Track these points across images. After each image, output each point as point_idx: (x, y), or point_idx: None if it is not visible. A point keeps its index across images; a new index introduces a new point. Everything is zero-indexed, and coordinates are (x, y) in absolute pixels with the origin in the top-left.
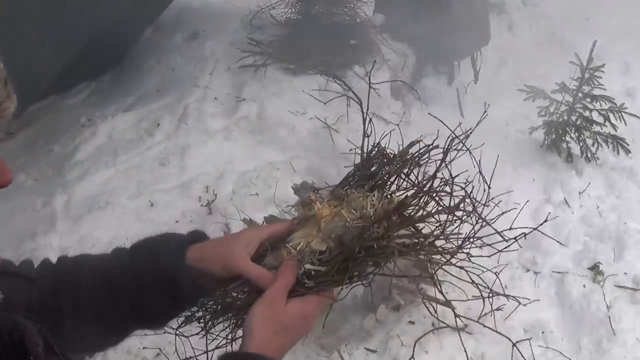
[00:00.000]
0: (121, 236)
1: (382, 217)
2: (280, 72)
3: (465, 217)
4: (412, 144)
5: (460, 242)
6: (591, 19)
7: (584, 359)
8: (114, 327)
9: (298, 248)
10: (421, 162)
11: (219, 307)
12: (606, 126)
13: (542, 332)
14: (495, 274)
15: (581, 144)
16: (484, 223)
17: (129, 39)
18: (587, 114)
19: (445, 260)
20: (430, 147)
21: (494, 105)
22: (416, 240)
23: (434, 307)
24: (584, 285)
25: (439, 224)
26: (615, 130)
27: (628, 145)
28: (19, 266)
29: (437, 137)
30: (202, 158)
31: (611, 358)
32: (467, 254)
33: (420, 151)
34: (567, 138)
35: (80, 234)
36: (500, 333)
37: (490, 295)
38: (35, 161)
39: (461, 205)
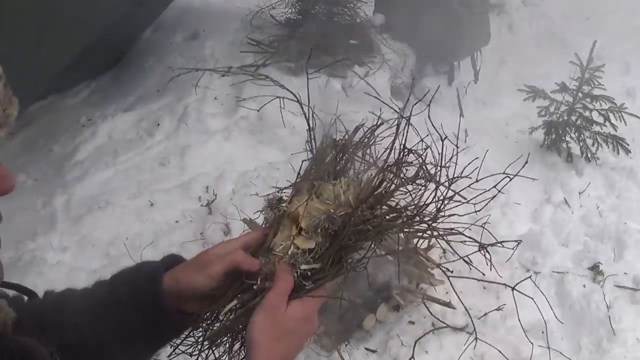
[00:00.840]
0: (121, 236)
1: (362, 200)
2: (280, 72)
3: (427, 182)
4: (357, 129)
5: (439, 206)
6: (591, 19)
7: (584, 359)
8: None
9: (290, 252)
10: (370, 143)
11: (208, 332)
12: (606, 126)
13: (542, 332)
14: (482, 226)
15: (581, 144)
16: (456, 185)
17: (129, 39)
18: (587, 114)
19: (428, 227)
20: (374, 127)
21: (493, 105)
22: (397, 214)
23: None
24: (584, 285)
25: (409, 193)
26: (615, 130)
27: (628, 145)
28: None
29: (381, 113)
30: (202, 158)
31: (611, 358)
32: (445, 215)
33: (366, 133)
34: (567, 138)
35: (80, 234)
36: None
37: (484, 247)
38: (35, 161)
39: (421, 172)
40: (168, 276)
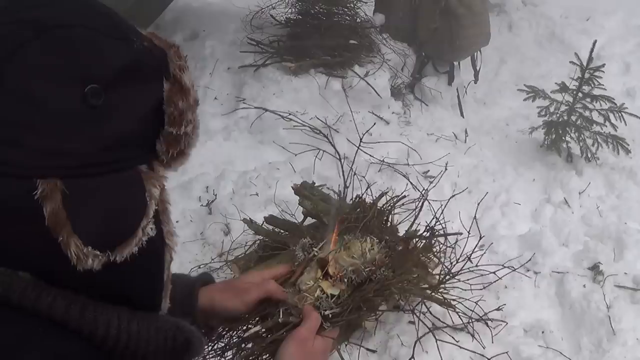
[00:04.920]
0: None
1: (384, 262)
2: (280, 72)
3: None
4: (381, 195)
5: (443, 277)
6: (591, 19)
7: (584, 359)
8: None
9: (316, 295)
10: (393, 212)
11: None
12: (606, 126)
13: (542, 332)
14: (476, 303)
15: (581, 144)
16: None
17: None
18: (587, 114)
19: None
20: (398, 197)
21: (494, 105)
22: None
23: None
24: (584, 285)
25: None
26: (615, 130)
27: (628, 145)
28: None
29: (405, 190)
30: (202, 158)
31: (611, 358)
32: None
33: (389, 202)
34: (567, 138)
35: None
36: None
37: (470, 322)
38: None
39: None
40: (202, 293)
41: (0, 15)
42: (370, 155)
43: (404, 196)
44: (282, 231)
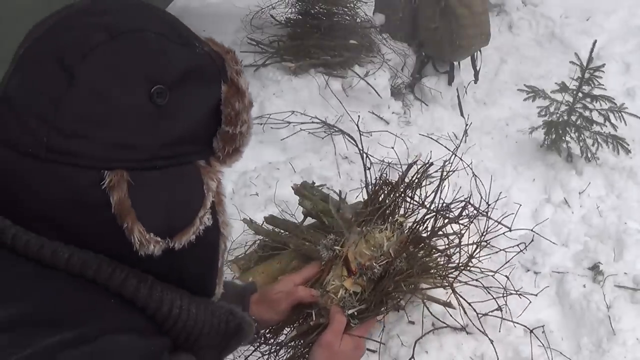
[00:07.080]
0: None
1: (400, 251)
2: (280, 72)
3: (468, 225)
4: (410, 166)
5: (470, 252)
6: (591, 19)
7: (584, 359)
8: None
9: (339, 295)
10: (422, 184)
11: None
12: (606, 126)
13: (542, 332)
14: (506, 276)
15: (581, 144)
16: (486, 231)
17: None
18: (587, 114)
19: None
20: (427, 164)
21: (494, 105)
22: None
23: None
24: (584, 285)
25: (447, 237)
26: (615, 130)
27: (628, 145)
28: None
29: (430, 157)
30: None
31: (611, 358)
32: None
33: (419, 171)
34: (567, 138)
35: None
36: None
37: (504, 295)
38: None
39: (463, 214)
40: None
41: (75, 20)
42: (370, 155)
43: (431, 163)
44: (282, 231)
